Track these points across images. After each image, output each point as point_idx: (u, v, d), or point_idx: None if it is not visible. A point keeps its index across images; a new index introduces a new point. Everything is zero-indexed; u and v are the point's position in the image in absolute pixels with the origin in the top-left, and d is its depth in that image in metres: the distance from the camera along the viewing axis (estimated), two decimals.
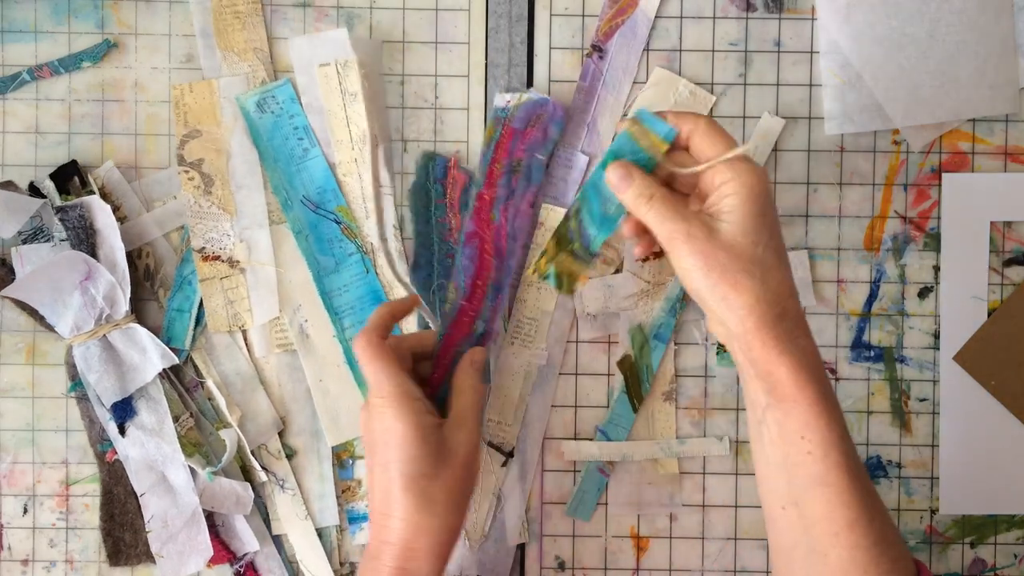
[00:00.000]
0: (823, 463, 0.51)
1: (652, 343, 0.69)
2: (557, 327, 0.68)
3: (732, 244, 0.51)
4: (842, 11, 0.68)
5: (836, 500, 0.51)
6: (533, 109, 0.67)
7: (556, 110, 0.67)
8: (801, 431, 0.51)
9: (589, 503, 0.69)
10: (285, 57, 0.69)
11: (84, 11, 0.69)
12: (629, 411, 0.69)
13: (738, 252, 0.51)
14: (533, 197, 0.68)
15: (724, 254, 0.51)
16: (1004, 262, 0.69)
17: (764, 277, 0.51)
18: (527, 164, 0.67)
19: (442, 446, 0.57)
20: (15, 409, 0.69)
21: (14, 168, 0.69)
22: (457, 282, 0.66)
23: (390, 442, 0.56)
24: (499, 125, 0.67)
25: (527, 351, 0.68)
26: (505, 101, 0.68)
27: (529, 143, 0.67)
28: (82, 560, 0.69)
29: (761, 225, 0.51)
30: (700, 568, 0.70)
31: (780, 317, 0.51)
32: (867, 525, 0.51)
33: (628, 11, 0.69)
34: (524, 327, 0.68)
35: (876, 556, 0.51)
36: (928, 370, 0.70)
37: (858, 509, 0.51)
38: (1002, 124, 0.69)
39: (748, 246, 0.51)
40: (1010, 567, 0.70)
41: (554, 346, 0.68)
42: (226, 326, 0.68)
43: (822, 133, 0.69)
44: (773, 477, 0.53)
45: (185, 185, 0.68)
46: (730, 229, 0.51)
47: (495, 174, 0.67)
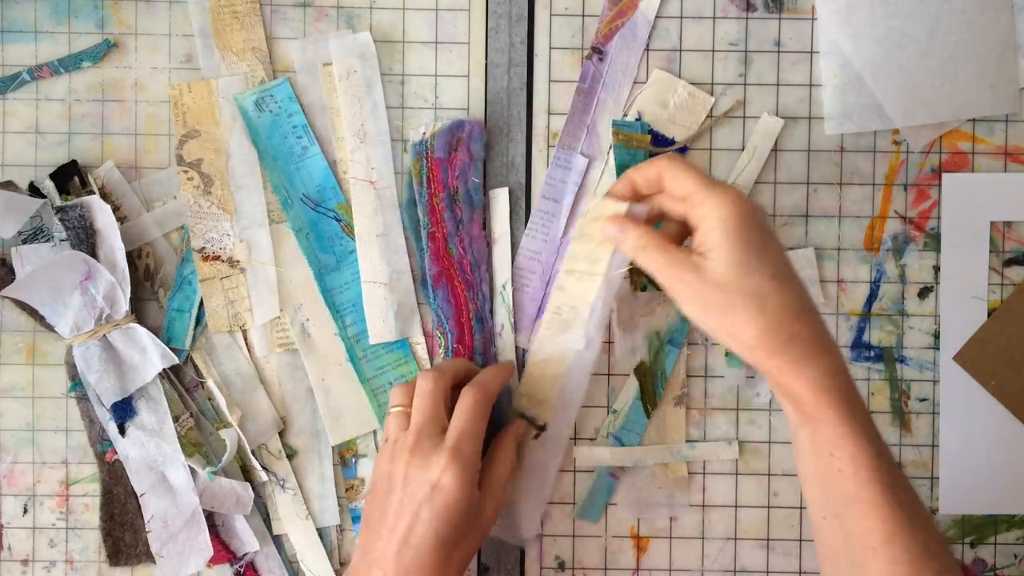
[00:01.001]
0: (854, 480, 0.50)
1: (667, 349, 0.69)
2: (597, 314, 0.67)
3: (722, 282, 0.50)
4: (842, 11, 0.68)
5: (871, 515, 0.50)
6: (451, 133, 0.67)
7: (473, 128, 0.67)
8: (829, 449, 0.50)
9: (598, 506, 0.69)
10: (285, 57, 0.69)
11: (84, 11, 0.69)
12: (642, 416, 0.69)
13: (731, 289, 0.50)
14: (481, 219, 0.68)
15: (717, 294, 0.50)
16: (1004, 262, 0.69)
17: (762, 307, 0.50)
18: (464, 191, 0.67)
19: (475, 515, 0.57)
20: (15, 409, 0.69)
21: (14, 168, 0.69)
22: (443, 327, 0.67)
23: (437, 500, 0.55)
24: (421, 159, 0.67)
25: (565, 336, 0.67)
26: (420, 134, 0.68)
27: (459, 169, 0.67)
28: (82, 560, 0.69)
29: (747, 253, 0.50)
30: (700, 568, 0.70)
31: (790, 341, 0.50)
32: (906, 539, 0.50)
33: (628, 13, 0.69)
34: (563, 313, 0.67)
35: (917, 570, 0.50)
36: (928, 370, 0.70)
37: (895, 523, 0.50)
38: (1002, 124, 0.69)
39: (738, 279, 0.50)
40: (1010, 567, 0.70)
41: (594, 332, 0.67)
42: (226, 326, 0.68)
43: (822, 133, 0.69)
44: (812, 488, 0.53)
45: (184, 185, 0.68)
46: (716, 267, 0.50)
47: (437, 209, 0.67)
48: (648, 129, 0.68)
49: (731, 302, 0.50)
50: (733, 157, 0.69)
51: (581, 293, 0.64)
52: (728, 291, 0.50)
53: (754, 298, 0.50)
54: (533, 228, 0.69)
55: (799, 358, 0.50)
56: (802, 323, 0.51)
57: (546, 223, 0.69)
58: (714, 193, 0.52)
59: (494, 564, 0.70)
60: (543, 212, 0.69)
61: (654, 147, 0.67)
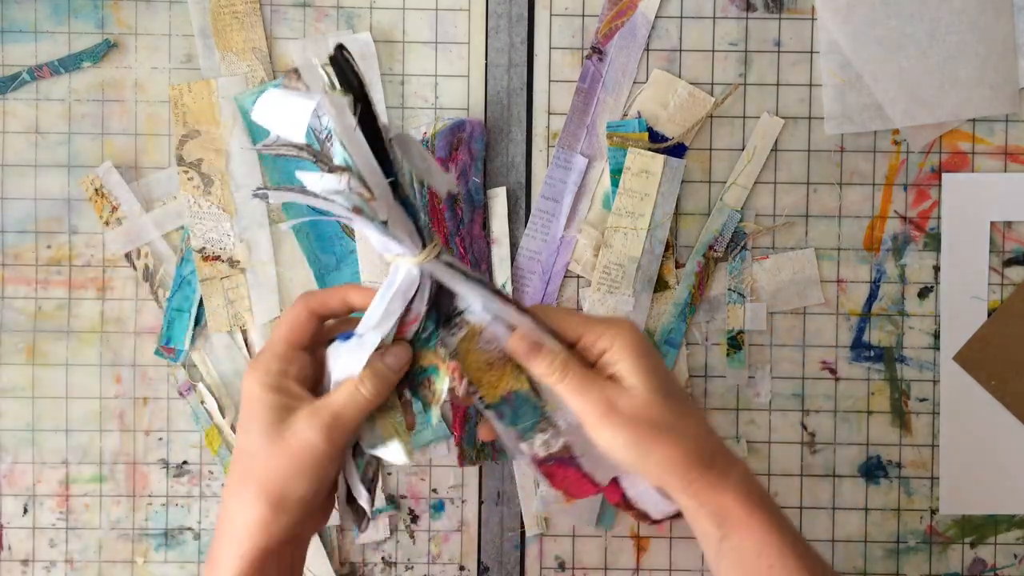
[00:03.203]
0: (782, 572, 0.51)
1: (664, 348, 0.69)
2: (644, 272, 0.68)
3: (648, 408, 0.50)
4: (842, 11, 0.68)
5: None
6: (452, 133, 0.67)
7: (475, 128, 0.67)
8: (758, 551, 0.51)
9: (610, 511, 0.70)
10: (285, 57, 0.69)
11: (84, 11, 0.69)
12: None
13: (656, 414, 0.50)
14: (481, 219, 0.68)
15: (642, 424, 0.50)
16: (1004, 262, 0.69)
17: (686, 427, 0.50)
18: (465, 190, 0.67)
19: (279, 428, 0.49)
20: (15, 409, 0.69)
21: (14, 168, 0.69)
22: None
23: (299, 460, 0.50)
24: None
25: (613, 297, 0.68)
26: (422, 133, 0.68)
27: (460, 168, 0.67)
28: (82, 560, 0.69)
29: (659, 380, 0.51)
30: (700, 568, 0.70)
31: (713, 455, 0.51)
32: None
33: (628, 13, 0.69)
34: (611, 272, 0.68)
35: None
36: (928, 370, 0.70)
37: None
38: (1002, 124, 0.69)
39: (659, 406, 0.50)
40: (1010, 567, 0.70)
41: (640, 292, 0.68)
42: (226, 326, 0.68)
43: (822, 133, 0.69)
44: None
45: (184, 185, 0.68)
46: (637, 395, 0.50)
47: (438, 209, 0.67)
48: (646, 127, 0.68)
49: (657, 430, 0.50)
50: (733, 157, 0.69)
51: (627, 250, 0.64)
52: (652, 420, 0.50)
53: (679, 418, 0.50)
54: (533, 228, 0.69)
55: (723, 469, 0.51)
56: (715, 438, 0.52)
57: (546, 223, 0.69)
58: (610, 324, 0.52)
59: (494, 564, 0.70)
60: (543, 212, 0.69)
61: (652, 144, 0.67)
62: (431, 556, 0.70)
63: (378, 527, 0.69)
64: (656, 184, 0.68)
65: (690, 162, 0.69)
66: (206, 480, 0.70)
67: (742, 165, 0.69)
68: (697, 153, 0.69)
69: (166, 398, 0.69)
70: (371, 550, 0.70)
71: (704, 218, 0.69)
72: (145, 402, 0.69)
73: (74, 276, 0.69)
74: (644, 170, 0.67)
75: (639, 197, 0.68)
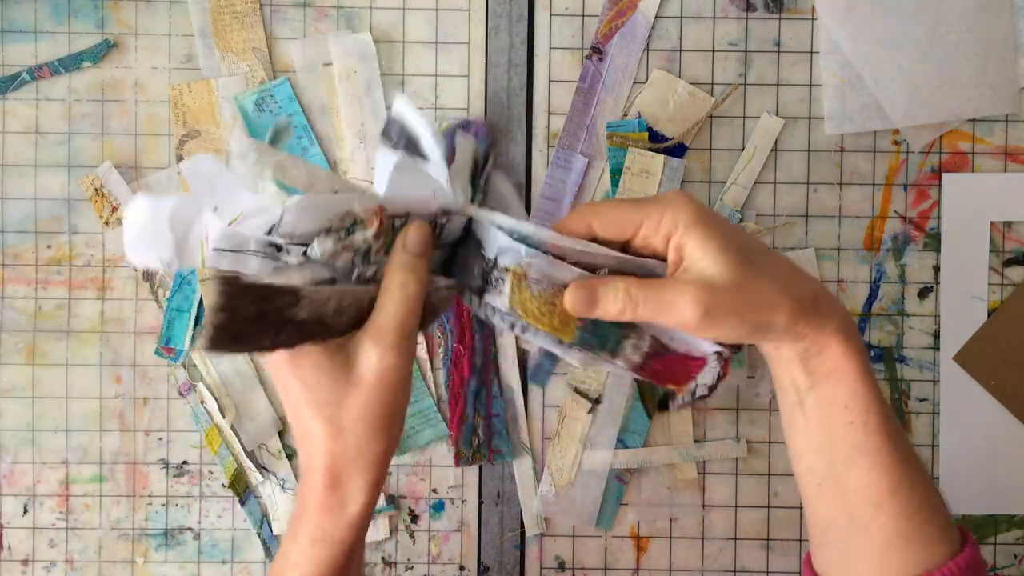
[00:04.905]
0: (863, 431, 0.49)
1: None
2: None
3: (733, 281, 0.47)
4: (842, 11, 0.68)
5: (878, 467, 0.49)
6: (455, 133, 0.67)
7: (479, 128, 0.67)
8: (845, 401, 0.50)
9: (610, 511, 0.69)
10: (285, 57, 0.69)
11: (84, 11, 0.69)
12: (644, 417, 0.69)
13: (745, 283, 0.48)
14: None
15: (734, 295, 0.47)
16: (1004, 262, 0.69)
17: (777, 277, 0.48)
18: None
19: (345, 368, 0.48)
20: (15, 409, 0.69)
21: (14, 168, 0.69)
22: (443, 326, 0.67)
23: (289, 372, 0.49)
24: None
25: None
26: None
27: None
28: (82, 560, 0.69)
29: (738, 243, 0.48)
30: (700, 568, 0.70)
31: (815, 299, 0.49)
32: (908, 492, 0.50)
33: (628, 13, 0.69)
34: None
35: (919, 524, 0.50)
36: (928, 370, 0.70)
37: (899, 476, 0.50)
38: (1002, 124, 0.69)
39: (743, 270, 0.47)
40: (1010, 567, 0.70)
41: None
42: None
43: (822, 133, 0.69)
44: (810, 457, 0.51)
45: (184, 185, 0.68)
46: (717, 269, 0.47)
47: None
48: (646, 127, 0.68)
49: (752, 293, 0.47)
50: (733, 157, 0.69)
51: None
52: (743, 286, 0.47)
53: (767, 276, 0.48)
54: None
55: (826, 312, 0.49)
56: (812, 280, 0.50)
57: (546, 223, 0.69)
58: (665, 203, 0.49)
59: (494, 564, 0.70)
60: (543, 212, 0.69)
61: (652, 144, 0.67)
62: (431, 556, 0.70)
63: (378, 527, 0.69)
64: (656, 184, 0.68)
65: (690, 162, 0.69)
66: (206, 480, 0.70)
67: (742, 165, 0.69)
68: (697, 153, 0.69)
69: (166, 398, 0.69)
70: (371, 550, 0.70)
71: None
72: (145, 402, 0.69)
73: (74, 276, 0.69)
74: (644, 170, 0.67)
75: (639, 197, 0.68)
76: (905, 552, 0.50)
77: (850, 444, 0.50)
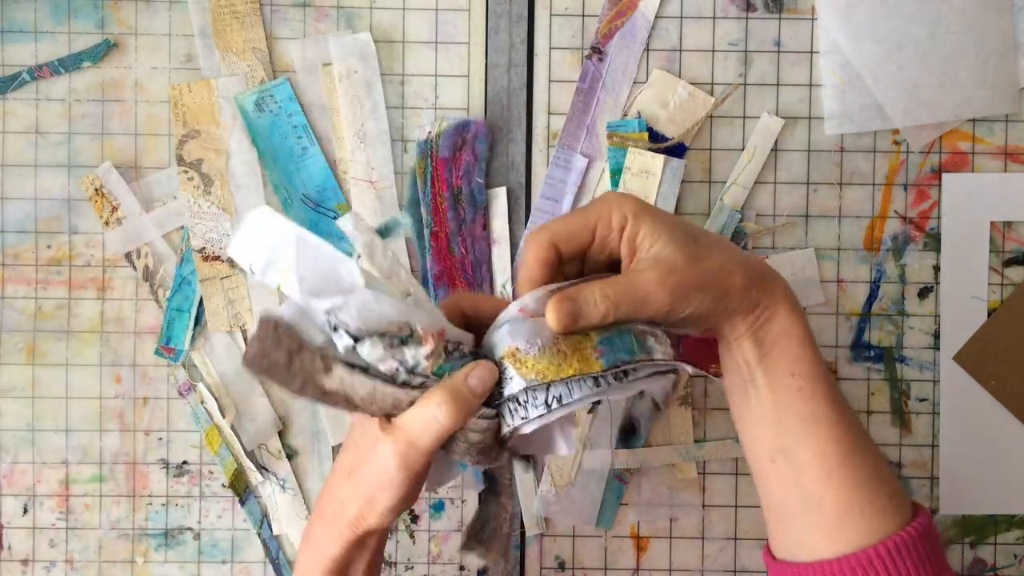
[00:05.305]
0: (812, 400, 0.51)
1: None
2: None
3: (690, 256, 0.50)
4: (842, 11, 0.68)
5: (828, 437, 0.51)
6: (456, 133, 0.67)
7: (479, 128, 0.67)
8: (792, 368, 0.51)
9: (609, 511, 0.69)
10: (285, 57, 0.69)
11: (84, 11, 0.69)
12: None
13: (698, 255, 0.50)
14: (484, 220, 0.68)
15: (697, 269, 0.50)
16: (1004, 262, 0.69)
17: (723, 250, 0.52)
18: (468, 191, 0.67)
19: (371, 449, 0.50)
20: (15, 409, 0.69)
21: (14, 168, 0.69)
22: None
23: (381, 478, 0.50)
24: (426, 158, 0.68)
25: None
26: (426, 133, 0.68)
27: (463, 169, 0.67)
28: (82, 560, 0.69)
29: (675, 222, 0.51)
30: (700, 568, 0.70)
31: (761, 267, 0.52)
32: (859, 460, 0.51)
33: (628, 13, 0.69)
34: None
35: (871, 492, 0.51)
36: (928, 370, 0.70)
37: (849, 444, 0.51)
38: (1002, 124, 0.69)
39: (694, 244, 0.51)
40: (1010, 567, 0.70)
41: None
42: (226, 326, 0.68)
43: (822, 133, 0.69)
44: (759, 429, 0.53)
45: (184, 185, 0.68)
46: (671, 249, 0.50)
47: (441, 208, 0.67)
48: (646, 127, 0.68)
49: (708, 264, 0.50)
50: (733, 157, 0.69)
51: None
52: (698, 259, 0.50)
53: (719, 250, 0.51)
54: (533, 228, 0.69)
55: (772, 278, 0.52)
56: (753, 257, 0.53)
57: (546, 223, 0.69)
58: (607, 203, 0.51)
59: (494, 564, 0.70)
60: (543, 212, 0.69)
61: (652, 144, 0.67)
62: (431, 556, 0.70)
63: None
64: (656, 184, 0.68)
65: (690, 162, 0.69)
66: (206, 480, 0.70)
67: (742, 165, 0.69)
68: (697, 153, 0.69)
69: (166, 398, 0.69)
70: None
71: (704, 218, 0.69)
72: (145, 402, 0.69)
73: (74, 276, 0.69)
74: (644, 170, 0.67)
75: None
76: (860, 522, 0.50)
77: (799, 414, 0.51)
